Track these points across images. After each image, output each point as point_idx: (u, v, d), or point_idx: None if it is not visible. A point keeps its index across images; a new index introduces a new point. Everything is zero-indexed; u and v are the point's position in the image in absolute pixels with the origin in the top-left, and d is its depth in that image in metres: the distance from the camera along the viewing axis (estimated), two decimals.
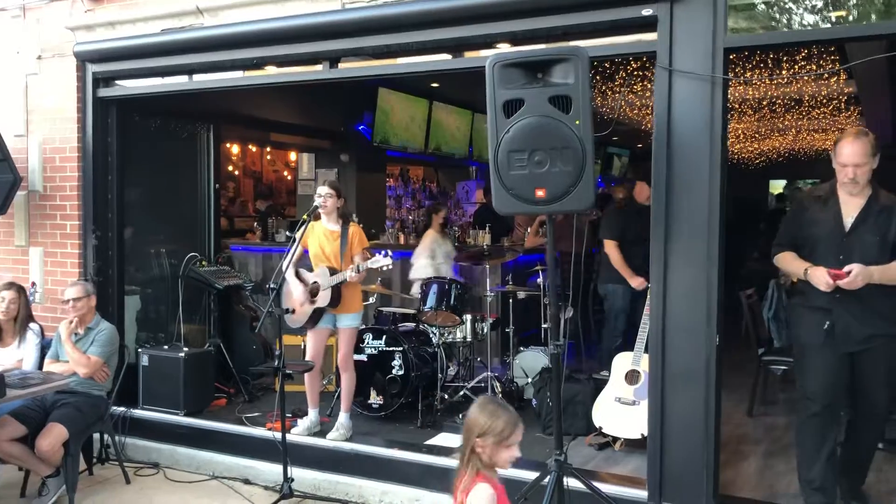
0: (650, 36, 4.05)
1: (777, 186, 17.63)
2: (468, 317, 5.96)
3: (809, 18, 3.89)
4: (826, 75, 7.52)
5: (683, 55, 3.92)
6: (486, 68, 3.57)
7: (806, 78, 7.70)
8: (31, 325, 5.07)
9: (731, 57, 4.06)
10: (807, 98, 9.21)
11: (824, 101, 9.34)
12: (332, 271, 5.03)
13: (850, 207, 3.77)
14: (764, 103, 9.59)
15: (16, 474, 4.89)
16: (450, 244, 7.18)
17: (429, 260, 6.90)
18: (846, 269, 3.59)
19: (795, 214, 4.05)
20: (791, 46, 5.24)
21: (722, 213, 3.89)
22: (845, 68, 6.74)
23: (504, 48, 4.47)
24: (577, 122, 3.46)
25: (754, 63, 7.14)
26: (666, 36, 3.94)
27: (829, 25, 3.80)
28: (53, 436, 4.50)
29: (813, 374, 3.85)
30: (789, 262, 3.93)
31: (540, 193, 3.54)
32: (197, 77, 5.58)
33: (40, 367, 4.93)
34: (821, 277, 3.66)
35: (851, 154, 3.65)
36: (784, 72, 7.25)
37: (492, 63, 3.56)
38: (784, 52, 6.66)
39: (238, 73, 5.44)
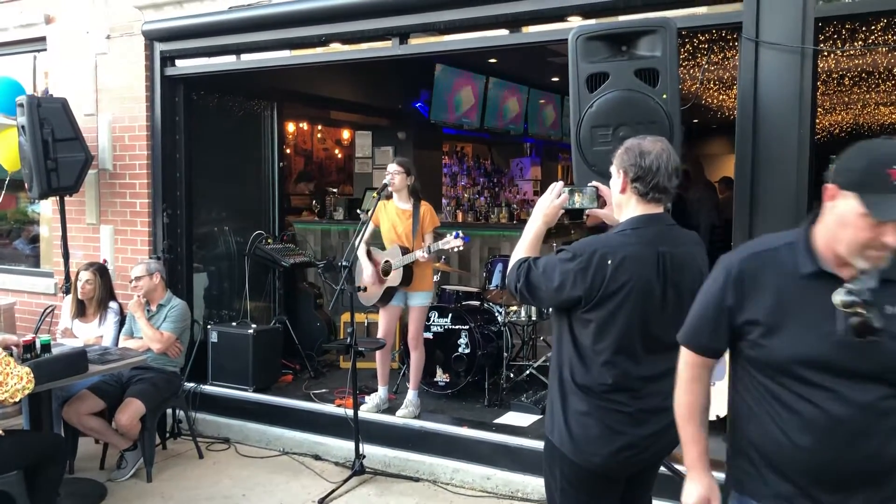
0: (734, 6, 3.91)
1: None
2: None
3: None
4: None
5: (771, 25, 3.77)
6: (569, 41, 3.49)
7: (884, 49, 7.40)
8: (112, 304, 5.16)
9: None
10: (880, 70, 8.86)
11: None
12: (404, 250, 5.01)
13: None
14: (833, 76, 9.26)
15: (94, 447, 5.02)
16: None
17: None
18: None
19: None
20: (889, 16, 5.01)
21: (810, 194, 3.75)
22: None
23: (576, 21, 4.36)
24: (665, 96, 3.36)
25: (827, 34, 6.88)
26: (753, 5, 3.80)
27: None
28: (131, 410, 4.60)
29: None
30: None
31: None
32: (264, 55, 5.57)
33: (117, 344, 5.02)
34: None
35: None
36: (858, 43, 6.98)
37: (575, 36, 3.48)
38: (861, 23, 6.40)
39: (305, 51, 5.42)
